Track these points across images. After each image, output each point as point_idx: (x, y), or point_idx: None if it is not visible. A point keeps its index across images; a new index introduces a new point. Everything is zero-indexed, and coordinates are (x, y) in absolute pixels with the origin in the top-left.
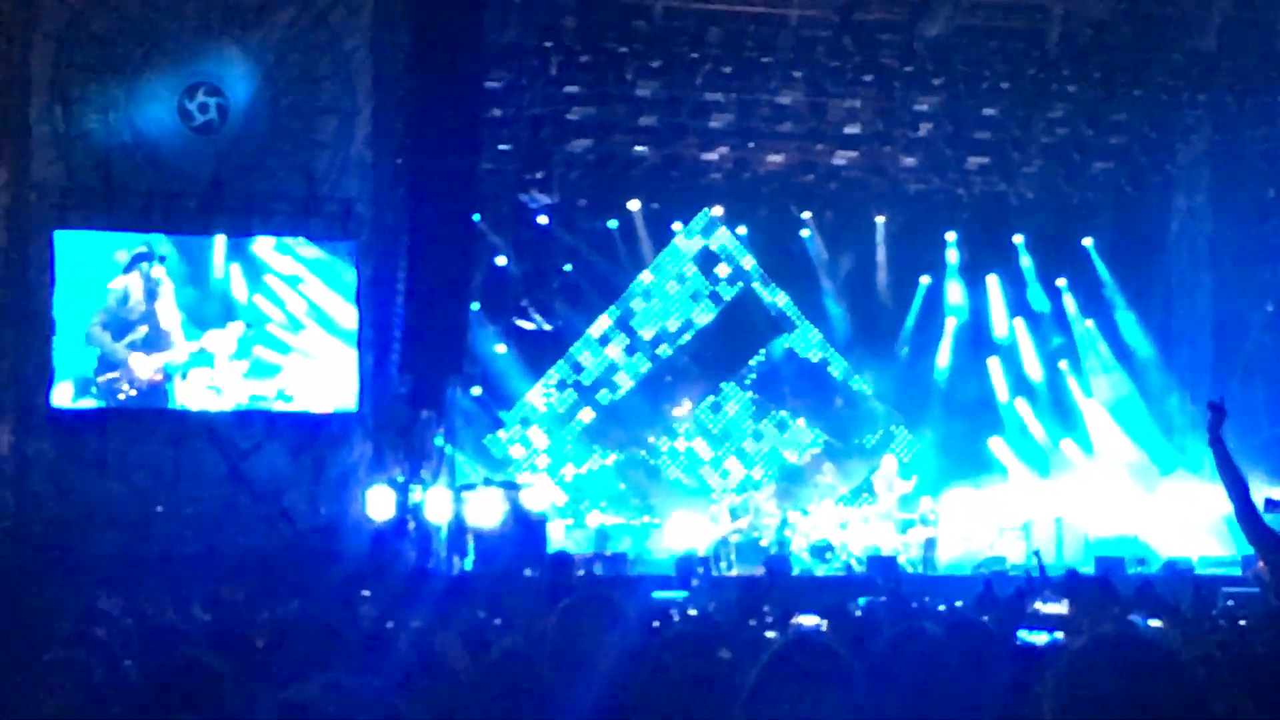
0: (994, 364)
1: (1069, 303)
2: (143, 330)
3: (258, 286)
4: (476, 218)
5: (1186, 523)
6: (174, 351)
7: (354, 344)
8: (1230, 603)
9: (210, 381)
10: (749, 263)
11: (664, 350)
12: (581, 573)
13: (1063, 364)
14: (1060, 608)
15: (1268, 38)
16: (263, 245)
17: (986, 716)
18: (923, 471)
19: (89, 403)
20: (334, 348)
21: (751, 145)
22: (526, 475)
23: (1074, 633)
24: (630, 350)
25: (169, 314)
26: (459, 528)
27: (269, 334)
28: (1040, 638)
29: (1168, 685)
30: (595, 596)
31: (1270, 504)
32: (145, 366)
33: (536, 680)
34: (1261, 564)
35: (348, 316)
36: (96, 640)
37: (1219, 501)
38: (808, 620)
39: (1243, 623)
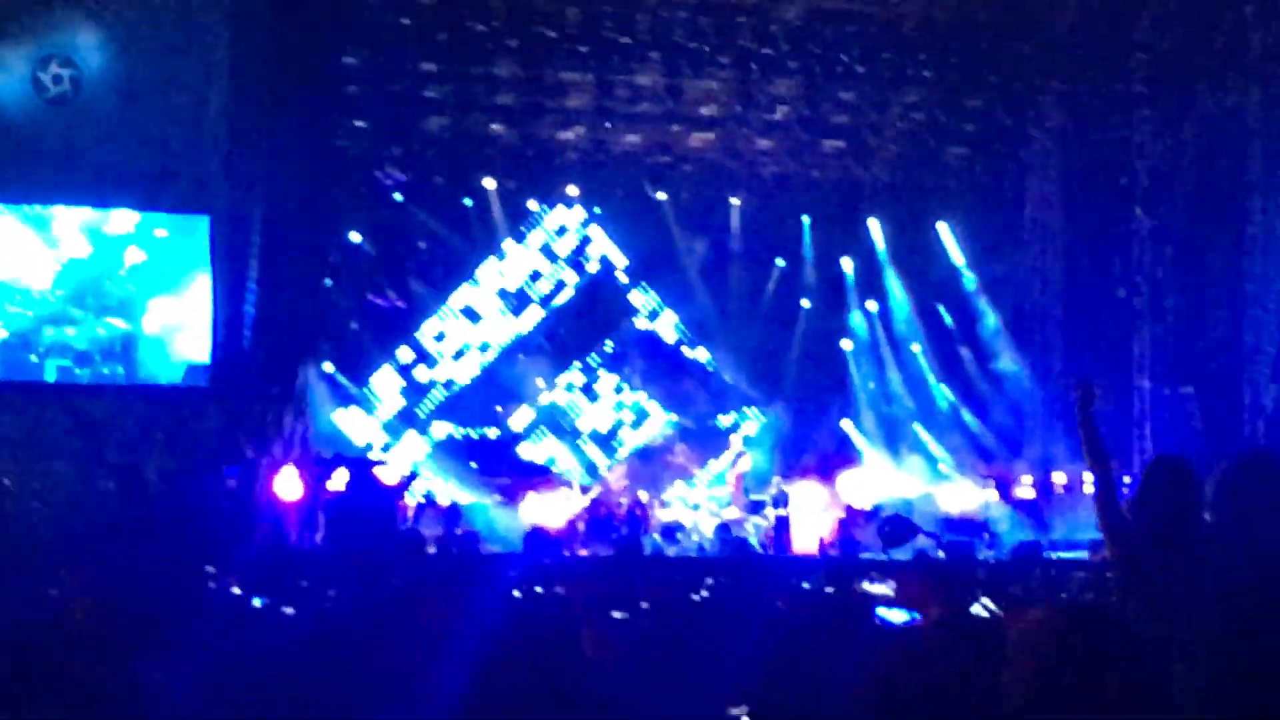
0: (847, 346)
1: (924, 286)
2: None
3: (116, 262)
4: (331, 194)
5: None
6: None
7: (208, 318)
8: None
9: (64, 349)
10: (603, 242)
11: (517, 329)
12: (433, 549)
13: (915, 347)
14: (885, 588)
15: (1121, 26)
16: (117, 219)
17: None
18: (774, 453)
19: None
20: (186, 320)
21: (608, 125)
22: (378, 452)
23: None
24: (484, 328)
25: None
26: (310, 504)
27: (124, 302)
28: (898, 615)
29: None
30: (447, 575)
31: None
32: None
33: (391, 661)
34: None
35: (201, 289)
36: None
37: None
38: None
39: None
